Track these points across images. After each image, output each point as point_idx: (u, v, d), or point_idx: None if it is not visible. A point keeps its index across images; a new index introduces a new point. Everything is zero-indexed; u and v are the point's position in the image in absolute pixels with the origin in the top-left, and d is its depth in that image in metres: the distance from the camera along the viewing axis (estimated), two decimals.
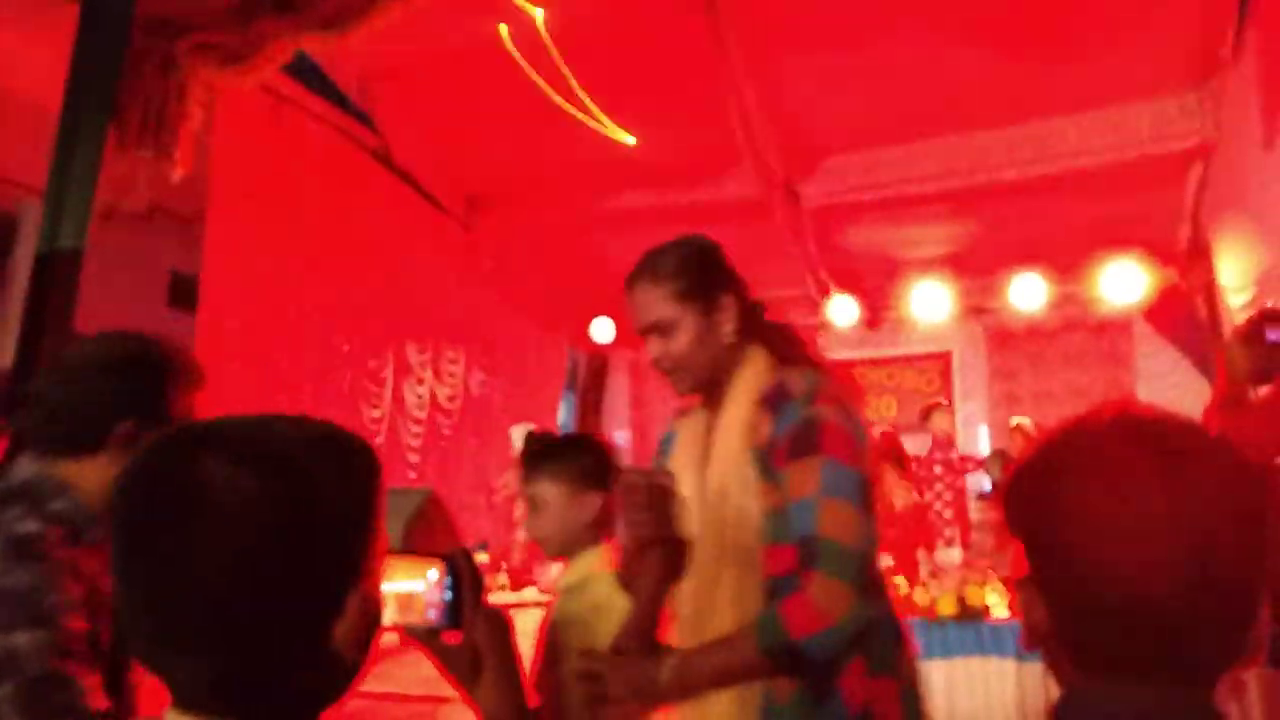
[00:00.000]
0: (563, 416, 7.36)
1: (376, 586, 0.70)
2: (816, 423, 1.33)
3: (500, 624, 0.78)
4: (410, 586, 0.75)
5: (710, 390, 1.50)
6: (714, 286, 1.49)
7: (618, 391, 7.80)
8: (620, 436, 7.62)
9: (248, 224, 3.96)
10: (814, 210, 5.19)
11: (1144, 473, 0.62)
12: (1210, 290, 5.25)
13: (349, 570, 0.65)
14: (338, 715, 0.68)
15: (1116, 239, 5.48)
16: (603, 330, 7.14)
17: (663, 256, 1.51)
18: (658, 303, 1.46)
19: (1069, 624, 0.64)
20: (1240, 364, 1.97)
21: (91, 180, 2.68)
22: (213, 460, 0.60)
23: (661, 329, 1.46)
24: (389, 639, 0.79)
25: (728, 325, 1.48)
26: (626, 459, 7.20)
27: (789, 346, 1.52)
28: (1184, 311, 5.73)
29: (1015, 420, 5.58)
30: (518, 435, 5.62)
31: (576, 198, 5.23)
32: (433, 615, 0.75)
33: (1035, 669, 2.91)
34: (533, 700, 0.78)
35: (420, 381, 5.52)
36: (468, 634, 0.76)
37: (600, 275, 6.48)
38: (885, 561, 3.62)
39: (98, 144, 2.69)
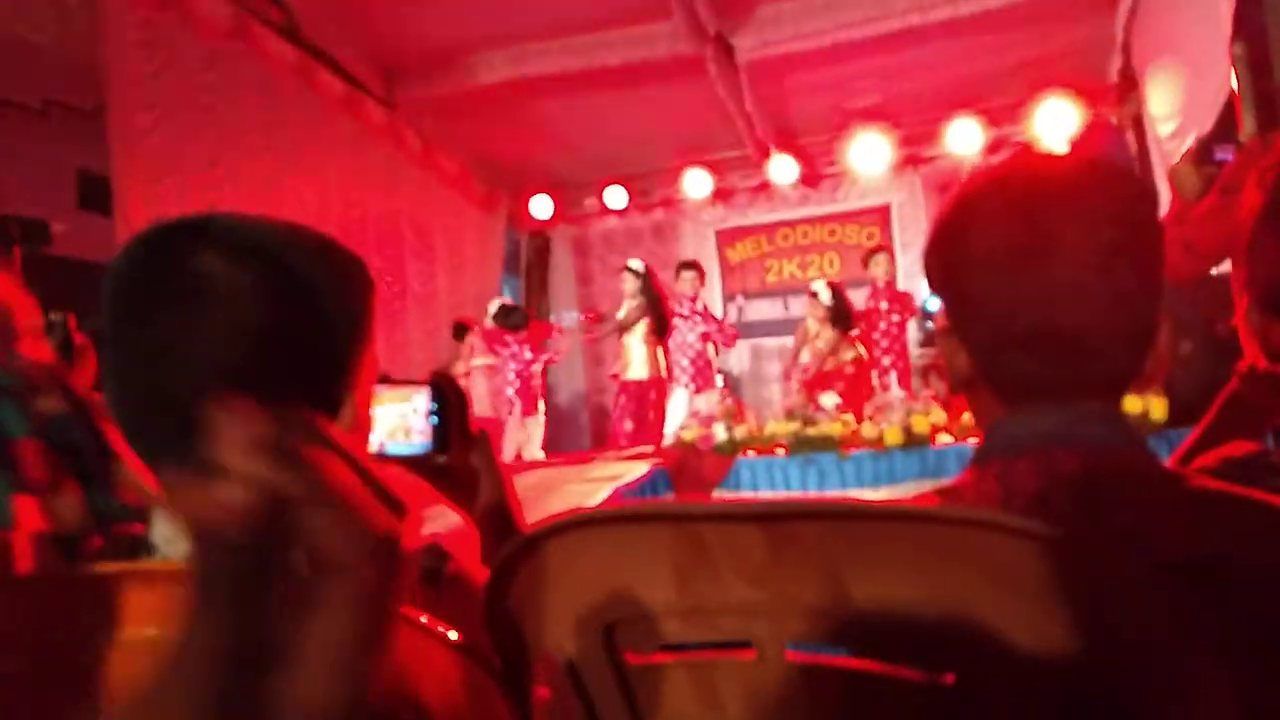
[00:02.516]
0: (507, 298, 7.29)
1: (368, 403, 0.70)
2: None
3: (485, 441, 0.80)
4: (397, 415, 0.76)
5: None
6: None
7: (562, 269, 7.72)
8: (568, 317, 7.61)
9: (151, 114, 3.71)
10: (749, 63, 5.05)
11: (1037, 203, 0.65)
12: (1139, 122, 5.32)
13: (345, 372, 0.65)
14: None
15: (1049, 78, 5.48)
16: (542, 206, 7.00)
17: None
18: None
19: (986, 361, 0.68)
20: (1189, 183, 2.03)
21: None
22: (210, 253, 0.59)
23: None
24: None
25: None
26: (577, 338, 7.20)
27: None
28: (1113, 145, 5.82)
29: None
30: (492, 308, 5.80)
31: (500, 64, 5.00)
32: (421, 440, 0.77)
33: None
34: (520, 514, 0.80)
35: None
36: (457, 454, 0.77)
37: (534, 147, 6.30)
38: (833, 400, 3.74)
39: None
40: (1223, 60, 3.52)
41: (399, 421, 0.77)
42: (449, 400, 0.77)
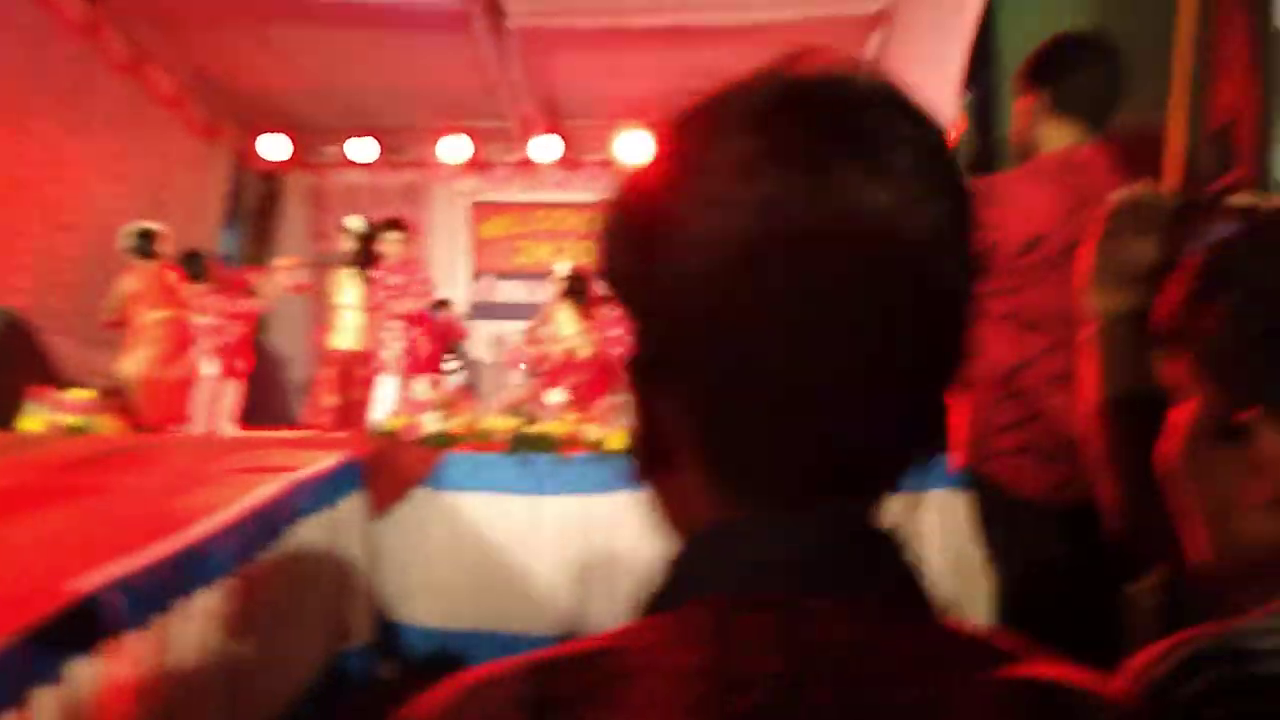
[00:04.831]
0: (226, 247, 6.44)
1: None
2: None
3: None
4: None
5: None
6: None
7: (293, 220, 6.96)
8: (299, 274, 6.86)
9: None
10: (520, 30, 4.77)
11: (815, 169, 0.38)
12: None
13: None
14: None
15: None
16: (275, 147, 6.25)
17: None
18: None
19: (709, 424, 0.41)
20: None
21: None
22: None
23: None
24: None
25: None
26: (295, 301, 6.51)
27: None
28: None
29: None
30: None
31: None
32: None
33: None
34: None
35: (23, 184, 4.42)
36: None
37: (271, 79, 5.58)
38: (561, 398, 3.56)
39: None
40: (952, 107, 3.79)
41: None
42: None
